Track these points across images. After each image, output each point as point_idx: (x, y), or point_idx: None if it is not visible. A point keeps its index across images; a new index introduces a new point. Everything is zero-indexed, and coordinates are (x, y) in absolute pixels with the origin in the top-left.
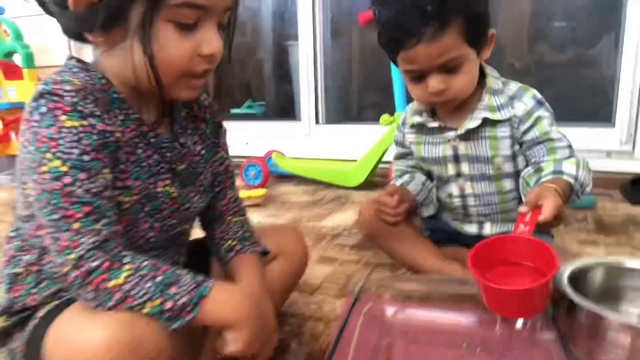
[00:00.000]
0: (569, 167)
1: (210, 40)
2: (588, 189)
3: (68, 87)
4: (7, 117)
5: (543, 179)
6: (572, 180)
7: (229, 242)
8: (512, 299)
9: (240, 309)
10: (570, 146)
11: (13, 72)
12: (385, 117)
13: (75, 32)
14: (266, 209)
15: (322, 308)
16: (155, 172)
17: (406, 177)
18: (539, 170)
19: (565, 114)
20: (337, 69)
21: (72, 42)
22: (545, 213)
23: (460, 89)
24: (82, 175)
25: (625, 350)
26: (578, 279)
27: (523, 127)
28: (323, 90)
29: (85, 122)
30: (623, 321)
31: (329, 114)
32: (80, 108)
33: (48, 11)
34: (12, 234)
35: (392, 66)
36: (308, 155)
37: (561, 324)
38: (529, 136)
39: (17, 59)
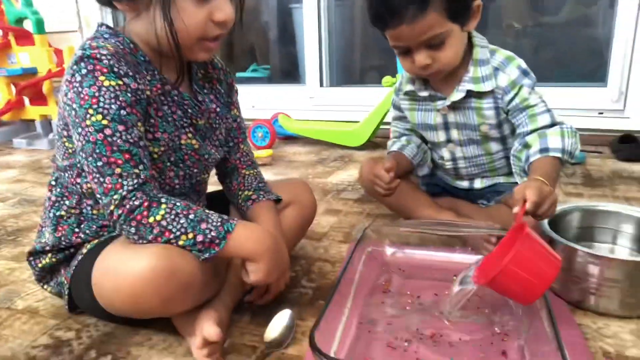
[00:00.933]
0: (554, 141)
1: (222, 8)
2: (577, 152)
3: (104, 52)
4: (20, 83)
5: (532, 159)
6: (559, 155)
7: (246, 192)
8: (509, 280)
9: (260, 243)
10: (549, 110)
11: (24, 38)
12: (387, 79)
13: (106, 1)
14: (274, 168)
15: (329, 251)
16: (180, 126)
17: (403, 140)
18: (526, 145)
19: (563, 74)
20: (341, 31)
21: (81, 8)
22: (530, 197)
23: (445, 62)
24: (120, 127)
25: (595, 278)
26: (558, 221)
27: (507, 97)
28: (327, 54)
29: (120, 82)
30: (593, 253)
31: (333, 77)
32: (116, 69)
33: None
34: (52, 183)
35: None
36: (313, 117)
37: None
38: (511, 105)
39: (27, 25)
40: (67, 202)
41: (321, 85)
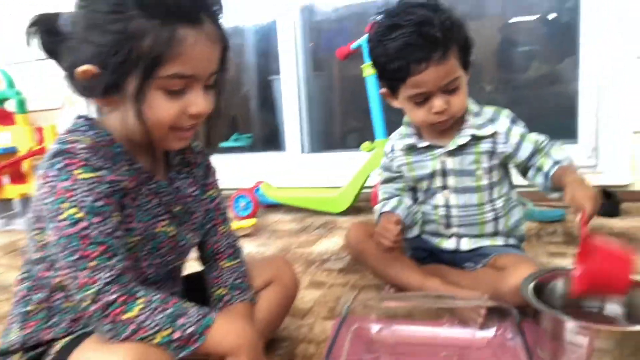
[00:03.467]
0: (558, 153)
1: (196, 102)
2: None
3: (80, 145)
4: (0, 162)
5: (552, 171)
6: (570, 161)
7: (220, 290)
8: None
9: (241, 337)
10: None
11: (6, 118)
12: (366, 145)
13: (85, 94)
14: (257, 239)
15: (313, 330)
16: (155, 214)
17: (394, 201)
18: (539, 169)
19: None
20: (320, 100)
21: (64, 88)
22: (587, 205)
23: (458, 107)
24: (95, 219)
25: (584, 349)
26: (542, 288)
27: (508, 147)
28: (307, 121)
29: (96, 174)
30: (580, 324)
31: (313, 143)
32: (92, 163)
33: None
34: (23, 276)
35: (371, 96)
36: (295, 184)
37: (527, 330)
38: (524, 152)
39: (9, 105)
40: (36, 296)
41: (302, 151)
